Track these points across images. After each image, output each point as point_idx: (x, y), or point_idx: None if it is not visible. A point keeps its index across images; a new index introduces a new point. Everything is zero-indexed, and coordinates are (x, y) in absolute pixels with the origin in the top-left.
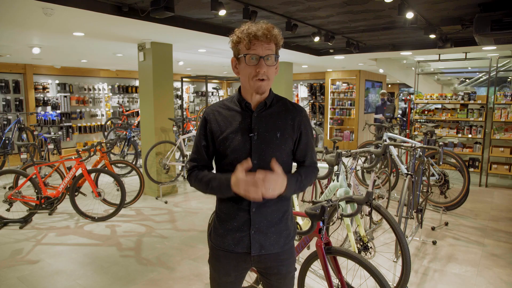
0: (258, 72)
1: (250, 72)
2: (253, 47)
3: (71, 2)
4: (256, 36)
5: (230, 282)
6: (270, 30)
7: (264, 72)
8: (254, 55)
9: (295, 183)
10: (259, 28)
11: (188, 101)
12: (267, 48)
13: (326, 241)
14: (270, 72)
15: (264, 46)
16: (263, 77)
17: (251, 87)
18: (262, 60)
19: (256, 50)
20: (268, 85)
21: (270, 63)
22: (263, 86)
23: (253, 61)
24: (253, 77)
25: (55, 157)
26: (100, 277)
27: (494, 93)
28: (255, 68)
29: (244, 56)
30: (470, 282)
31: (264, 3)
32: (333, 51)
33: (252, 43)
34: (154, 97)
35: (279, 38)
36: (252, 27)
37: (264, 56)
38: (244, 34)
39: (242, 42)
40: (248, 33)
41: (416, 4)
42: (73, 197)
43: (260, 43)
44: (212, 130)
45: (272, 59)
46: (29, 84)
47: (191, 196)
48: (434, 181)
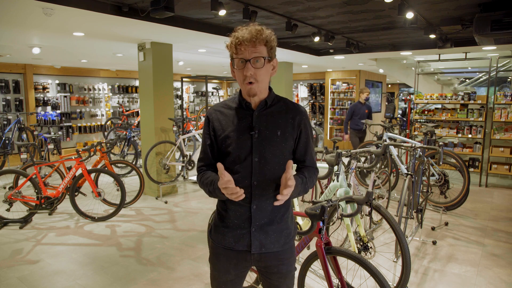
0: (245, 76)
1: (239, 76)
2: (239, 52)
3: (71, 2)
4: (242, 40)
5: (230, 280)
6: (259, 32)
7: (251, 75)
8: (241, 59)
9: (301, 184)
10: (247, 32)
11: (188, 101)
12: (254, 51)
13: (326, 241)
14: (260, 74)
15: (250, 50)
16: (250, 80)
17: (244, 89)
18: (248, 64)
19: (242, 54)
20: (258, 88)
21: (259, 65)
22: (253, 89)
23: (241, 65)
24: (243, 80)
25: (55, 157)
26: (100, 277)
27: (494, 93)
28: (242, 71)
29: (233, 61)
30: (470, 282)
31: (264, 3)
32: (333, 51)
33: (238, 48)
34: (154, 97)
35: (269, 40)
36: (241, 31)
37: (250, 59)
38: (233, 39)
39: (231, 47)
40: (236, 38)
41: (416, 4)
42: (73, 197)
43: (245, 47)
44: (214, 129)
45: (260, 62)
46: (29, 84)
47: (191, 196)
48: (434, 181)
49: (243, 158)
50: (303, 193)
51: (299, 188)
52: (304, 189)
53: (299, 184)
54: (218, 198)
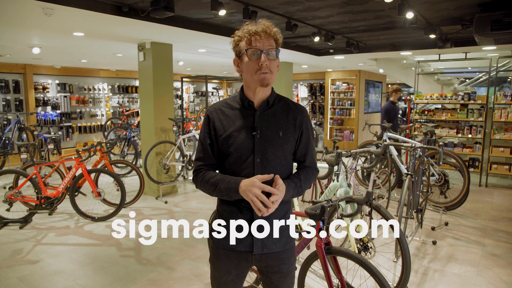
0: (261, 66)
1: (253, 67)
2: (254, 43)
3: (71, 2)
4: (256, 32)
5: (231, 281)
6: (270, 27)
7: (266, 65)
8: (256, 49)
9: (293, 189)
10: (259, 26)
11: (188, 101)
12: (268, 43)
13: (326, 241)
14: (272, 66)
15: (265, 41)
16: (265, 70)
17: (255, 81)
18: (263, 54)
19: (257, 45)
20: (271, 78)
21: (272, 57)
22: (267, 78)
23: (255, 56)
24: (256, 71)
25: (55, 157)
26: (100, 277)
27: (494, 93)
28: (257, 62)
29: (246, 51)
30: (470, 282)
31: (264, 3)
32: (333, 51)
33: (253, 39)
34: (154, 97)
35: (278, 36)
36: (252, 25)
37: (265, 50)
38: (244, 32)
39: (243, 40)
40: (249, 30)
41: (416, 4)
42: (73, 197)
43: (260, 38)
44: (215, 128)
45: (273, 54)
46: (29, 84)
47: (191, 196)
48: (434, 181)
49: (245, 158)
50: (297, 195)
51: (291, 193)
52: (297, 192)
53: (291, 189)
54: (228, 198)
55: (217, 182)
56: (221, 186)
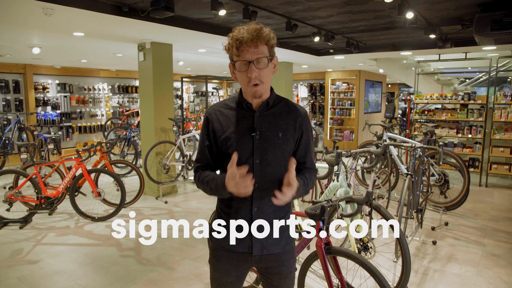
0: (250, 78)
1: (244, 78)
2: (242, 54)
3: (71, 2)
4: (242, 42)
5: (230, 282)
6: (258, 33)
7: (255, 77)
8: (243, 61)
9: (302, 186)
10: (246, 32)
11: (188, 101)
12: (255, 52)
13: (326, 241)
14: (263, 75)
15: (252, 51)
16: (255, 81)
17: (248, 92)
18: (251, 65)
19: (244, 56)
20: (263, 88)
21: (262, 66)
22: (258, 91)
23: (244, 67)
24: (248, 82)
25: (55, 157)
26: (100, 277)
27: (494, 93)
28: (246, 73)
29: (234, 64)
30: (470, 282)
31: (264, 3)
32: (333, 51)
33: (239, 50)
34: (154, 97)
35: (269, 38)
36: (239, 32)
37: (253, 60)
38: (232, 41)
39: (232, 49)
40: (236, 40)
41: (416, 4)
42: (73, 197)
43: (247, 48)
44: (214, 130)
45: (263, 62)
46: (29, 84)
47: (191, 196)
48: (434, 181)
49: (244, 160)
50: (304, 194)
51: (301, 190)
52: (305, 191)
53: (301, 186)
54: (220, 196)
55: (209, 181)
56: (211, 185)
